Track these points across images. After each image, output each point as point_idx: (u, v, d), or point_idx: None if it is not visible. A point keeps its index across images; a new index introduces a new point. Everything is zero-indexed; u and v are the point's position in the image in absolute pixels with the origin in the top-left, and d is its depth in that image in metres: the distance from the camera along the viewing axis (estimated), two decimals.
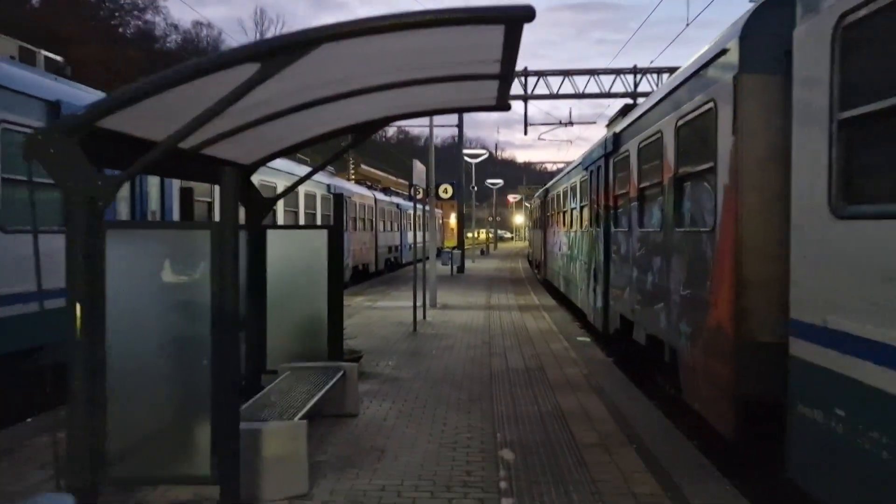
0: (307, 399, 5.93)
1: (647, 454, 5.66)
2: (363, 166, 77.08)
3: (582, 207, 14.33)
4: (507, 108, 6.99)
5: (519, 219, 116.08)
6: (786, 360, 4.37)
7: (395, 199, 34.44)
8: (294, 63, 4.04)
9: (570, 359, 9.85)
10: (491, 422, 6.61)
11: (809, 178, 3.99)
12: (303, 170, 18.65)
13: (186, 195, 8.71)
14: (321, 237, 7.27)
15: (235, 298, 4.15)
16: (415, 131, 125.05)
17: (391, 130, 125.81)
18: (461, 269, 29.15)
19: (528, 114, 30.00)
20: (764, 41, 5.07)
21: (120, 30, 64.02)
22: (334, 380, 6.57)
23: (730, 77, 5.27)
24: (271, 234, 7.27)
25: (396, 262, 33.89)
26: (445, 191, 16.43)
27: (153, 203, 9.74)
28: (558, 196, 19.17)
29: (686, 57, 7.74)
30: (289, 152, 7.37)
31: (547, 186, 23.42)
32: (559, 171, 48.43)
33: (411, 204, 42.57)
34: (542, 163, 69.84)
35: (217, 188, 10.86)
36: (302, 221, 17.66)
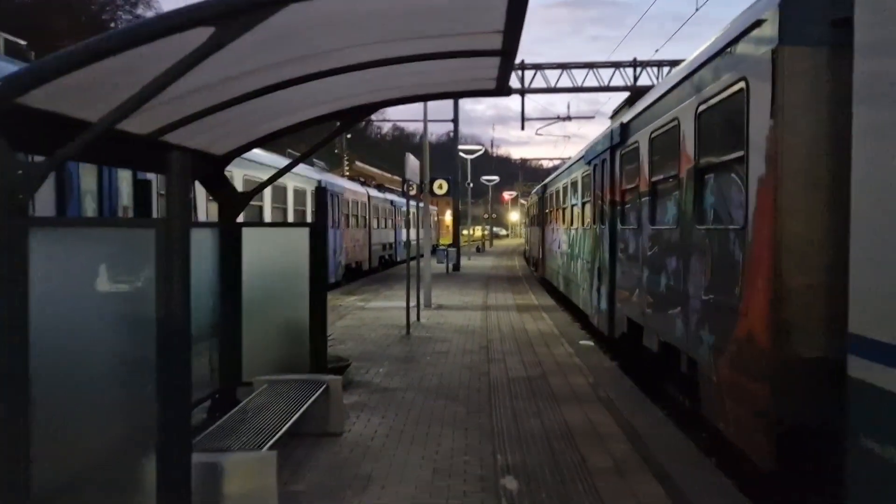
0: (283, 419, 5.25)
1: (668, 481, 4.98)
2: (358, 163, 76.39)
3: (584, 203, 13.66)
4: (508, 92, 6.31)
5: (514, 216, 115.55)
6: (841, 382, 3.69)
7: (390, 196, 33.73)
8: (256, 28, 3.33)
9: (574, 365, 9.18)
10: (490, 441, 5.92)
11: (879, 164, 3.30)
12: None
13: (142, 189, 7.98)
14: (302, 235, 6.57)
15: (185, 310, 3.45)
16: (410, 128, 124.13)
17: (386, 127, 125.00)
18: (456, 267, 28.47)
19: (525, 109, 29.30)
20: (807, 8, 4.39)
21: (112, 24, 63.07)
22: (315, 395, 5.89)
23: (766, 51, 4.59)
24: (248, 233, 6.57)
25: (391, 260, 33.19)
26: (440, 186, 15.74)
27: (125, 198, 9.02)
28: (557, 192, 18.49)
29: (685, 53, 7.06)
30: (267, 141, 6.66)
31: (545, 182, 22.75)
32: (556, 167, 47.81)
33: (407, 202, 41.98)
34: (538, 159, 69.09)
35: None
36: (291, 219, 16.93)
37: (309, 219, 18.60)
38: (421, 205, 16.87)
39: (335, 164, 67.51)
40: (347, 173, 58.38)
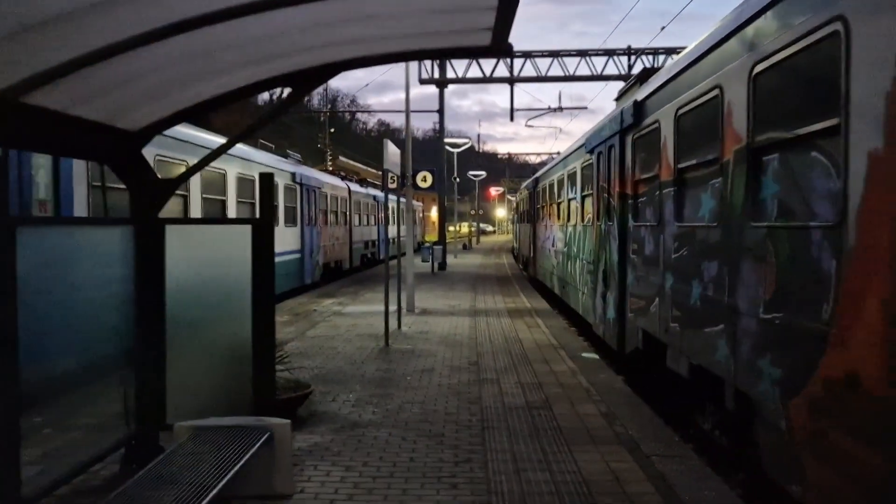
0: (214, 477, 3.84)
1: None
2: (342, 158, 74.66)
3: (584, 198, 12.26)
4: (507, 50, 4.87)
5: (501, 212, 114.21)
6: None
7: (373, 191, 32.23)
8: None
9: (581, 388, 7.77)
10: None
11: None
12: (264, 157, 16.44)
13: None
14: (243, 235, 5.10)
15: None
16: (396, 123, 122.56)
17: (371, 122, 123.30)
18: (443, 266, 27.03)
19: (514, 102, 27.87)
20: None
21: None
22: (255, 447, 4.45)
23: None
24: (172, 232, 5.10)
25: (374, 259, 31.70)
26: (424, 179, 14.27)
27: (41, 191, 7.50)
28: (551, 186, 17.10)
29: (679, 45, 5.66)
30: (197, 113, 5.17)
31: (537, 176, 21.34)
32: (544, 162, 46.47)
33: (392, 197, 40.32)
34: (526, 154, 67.68)
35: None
36: (259, 215, 15.42)
37: (282, 215, 17.11)
38: (403, 200, 15.39)
39: (319, 159, 65.84)
40: (331, 168, 56.75)
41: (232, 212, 13.63)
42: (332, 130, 74.43)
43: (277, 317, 13.74)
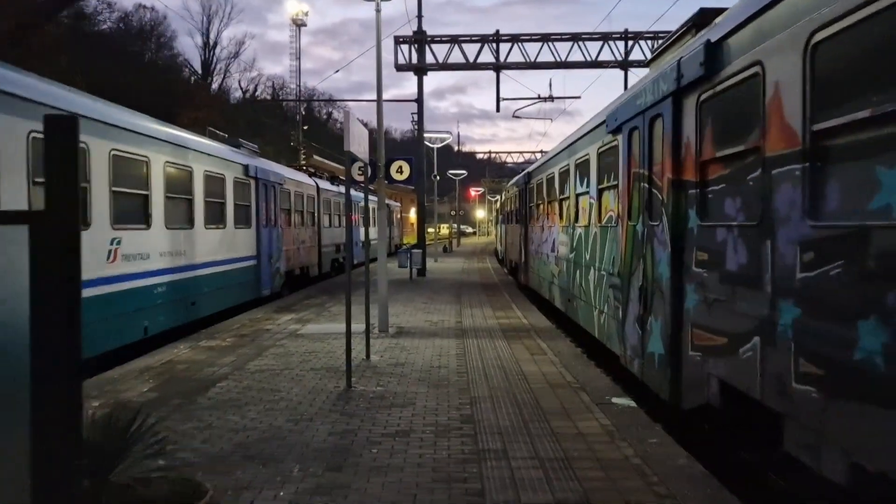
0: None
1: None
2: (316, 157, 71.66)
3: (601, 192, 9.74)
4: None
5: (481, 213, 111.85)
6: None
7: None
8: None
9: (630, 467, 5.22)
10: None
11: None
12: (204, 144, 13.79)
13: None
14: (13, 241, 2.45)
15: None
16: (374, 123, 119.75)
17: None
18: (422, 271, 24.43)
19: (500, 89, 25.36)
20: None
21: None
22: None
23: None
24: None
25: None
26: (400, 170, 11.66)
27: None
28: (550, 181, 14.57)
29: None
30: None
31: (529, 171, 18.80)
32: (529, 161, 43.99)
33: (364, 196, 37.52)
34: (509, 152, 65.27)
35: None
36: (201, 213, 12.71)
37: (230, 213, 14.40)
38: (373, 199, 12.75)
39: (293, 158, 62.66)
40: (304, 166, 53.86)
41: (159, 210, 10.91)
42: (306, 128, 71.44)
43: (219, 340, 11.12)
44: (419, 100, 24.37)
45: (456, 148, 72.90)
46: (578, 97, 26.55)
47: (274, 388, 7.82)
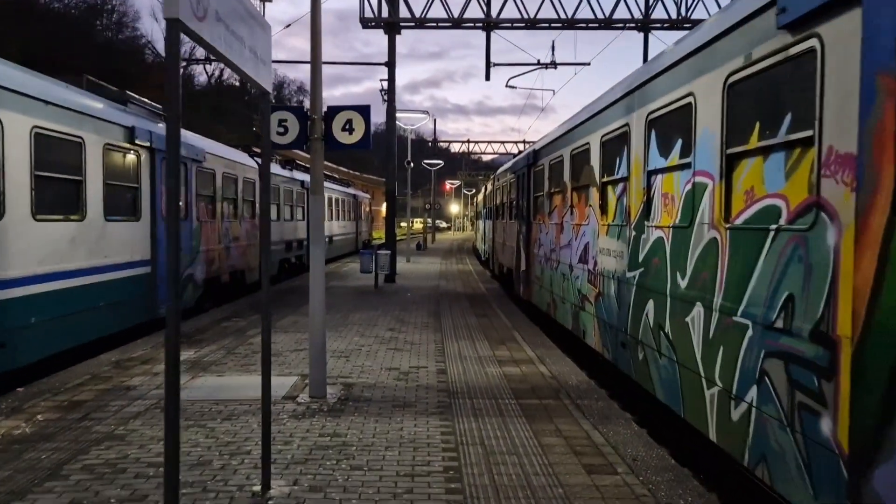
0: None
1: None
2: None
3: (737, 161, 5.06)
4: None
5: (455, 207, 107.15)
6: None
7: (302, 176, 24.61)
8: None
9: None
10: None
11: None
12: (32, 85, 8.80)
13: None
14: None
15: None
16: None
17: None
18: (390, 277, 19.67)
19: (492, 52, 20.60)
20: None
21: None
22: None
23: None
24: None
25: (300, 264, 24.10)
26: (348, 127, 6.89)
27: None
28: (579, 157, 9.91)
29: None
30: None
31: (537, 148, 14.03)
32: (507, 155, 39.41)
33: (330, 185, 32.15)
34: (489, 141, 60.48)
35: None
36: (24, 195, 7.80)
37: (97, 204, 9.53)
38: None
39: (257, 146, 57.23)
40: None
41: None
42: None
43: (25, 413, 6.16)
44: (390, 62, 19.56)
45: (430, 141, 67.57)
46: (588, 63, 21.83)
47: None
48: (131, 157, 10.65)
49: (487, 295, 17.39)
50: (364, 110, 6.97)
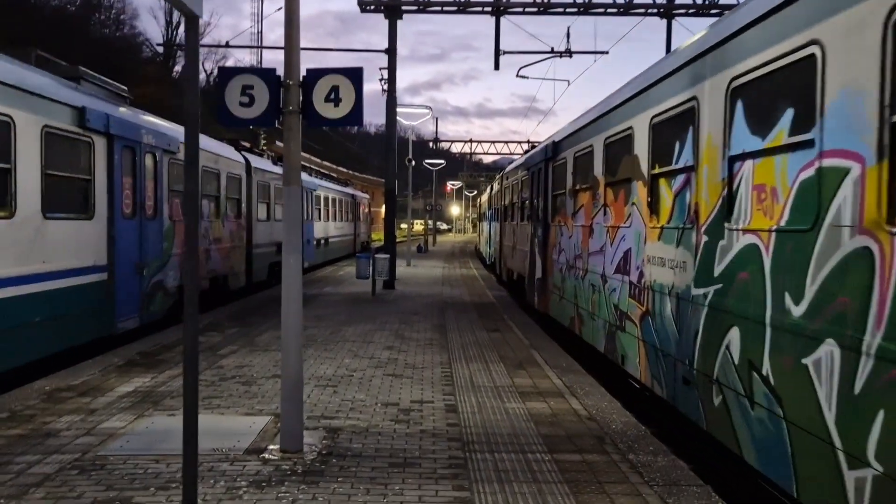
0: None
1: None
2: (279, 143, 64.54)
3: (822, 153, 3.39)
4: None
5: (455, 209, 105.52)
6: None
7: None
8: None
9: None
10: None
11: None
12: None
13: None
14: None
15: None
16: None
17: None
18: (389, 283, 18.02)
19: (501, 41, 18.91)
20: None
21: None
22: None
23: None
24: None
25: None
26: (334, 97, 5.22)
27: None
28: (618, 145, 8.26)
29: None
30: None
31: (557, 139, 12.35)
32: (502, 162, 37.68)
33: (325, 183, 30.63)
34: (492, 141, 58.83)
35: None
36: None
37: (30, 199, 7.88)
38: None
39: (254, 143, 55.61)
40: (265, 152, 46.88)
41: None
42: None
43: None
44: (391, 49, 17.92)
45: (431, 141, 65.75)
46: (606, 52, 20.20)
47: None
48: (82, 143, 8.99)
49: (496, 304, 15.73)
50: (354, 74, 5.31)
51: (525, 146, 55.66)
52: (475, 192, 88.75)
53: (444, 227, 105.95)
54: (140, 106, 13.91)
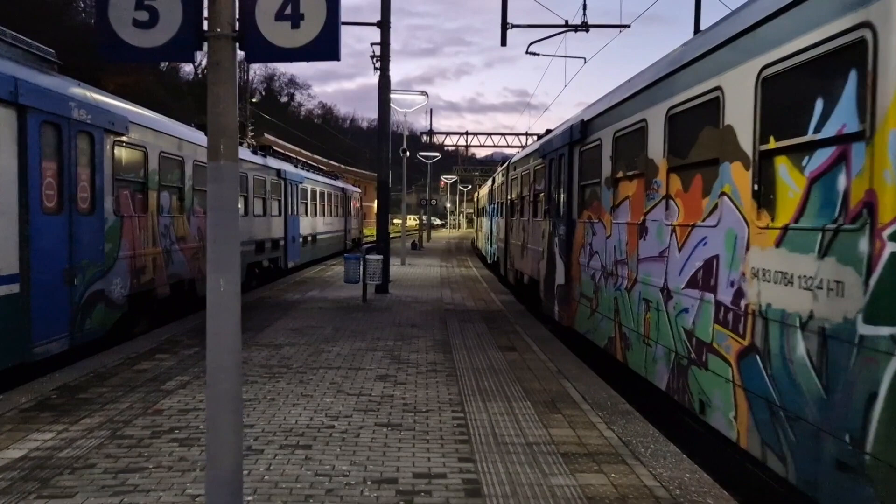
0: None
1: None
2: (268, 136, 62.08)
3: None
4: None
5: (449, 204, 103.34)
6: None
7: (277, 164, 20.87)
8: None
9: None
10: None
11: None
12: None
13: None
14: None
15: None
16: (342, 112, 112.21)
17: (312, 104, 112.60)
18: (383, 286, 15.91)
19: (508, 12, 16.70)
20: None
21: None
22: None
23: None
24: None
25: (276, 268, 20.32)
26: (291, 13, 3.09)
27: None
28: (664, 128, 6.18)
29: None
30: None
31: (583, 119, 10.23)
32: (497, 157, 35.83)
33: (312, 176, 28.31)
34: (490, 134, 56.61)
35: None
36: None
37: None
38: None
39: (242, 135, 53.29)
40: (251, 145, 44.62)
41: None
42: (254, 100, 61.68)
43: None
44: (383, 21, 15.77)
45: (425, 133, 63.33)
46: (627, 26, 18.05)
47: None
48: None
49: (505, 312, 13.64)
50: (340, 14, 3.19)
51: (522, 139, 53.59)
52: (469, 187, 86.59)
53: (438, 222, 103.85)
54: (126, 96, 11.79)
